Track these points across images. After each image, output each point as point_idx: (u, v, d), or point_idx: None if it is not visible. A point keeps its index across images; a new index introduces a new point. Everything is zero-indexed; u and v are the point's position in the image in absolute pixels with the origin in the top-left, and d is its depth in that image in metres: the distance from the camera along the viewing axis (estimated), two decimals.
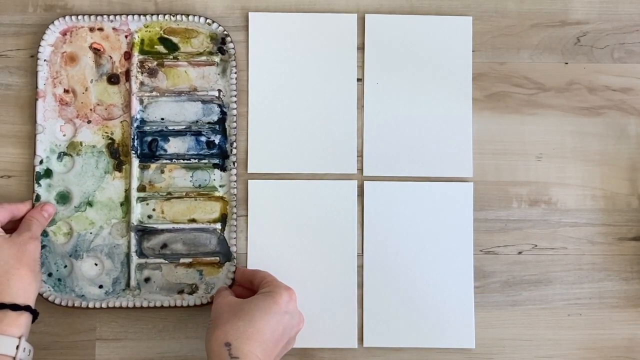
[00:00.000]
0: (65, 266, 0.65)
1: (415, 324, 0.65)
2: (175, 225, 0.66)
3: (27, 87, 0.67)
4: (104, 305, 0.64)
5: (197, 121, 0.67)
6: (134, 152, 0.66)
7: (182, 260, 0.65)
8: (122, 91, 0.67)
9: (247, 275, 0.63)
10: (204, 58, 0.67)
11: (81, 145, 0.66)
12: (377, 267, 0.66)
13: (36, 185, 0.65)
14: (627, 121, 0.68)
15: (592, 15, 0.68)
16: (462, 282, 0.66)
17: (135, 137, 0.66)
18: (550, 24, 0.68)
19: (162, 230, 0.66)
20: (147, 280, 0.65)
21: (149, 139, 0.67)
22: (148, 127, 0.66)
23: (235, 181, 0.66)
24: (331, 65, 0.67)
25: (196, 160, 0.66)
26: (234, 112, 0.66)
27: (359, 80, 0.68)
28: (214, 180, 0.67)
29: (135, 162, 0.66)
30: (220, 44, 0.67)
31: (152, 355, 0.65)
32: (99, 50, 0.67)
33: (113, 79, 0.67)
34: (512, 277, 0.66)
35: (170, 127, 0.66)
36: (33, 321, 0.58)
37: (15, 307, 0.55)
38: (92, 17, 0.66)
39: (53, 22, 0.66)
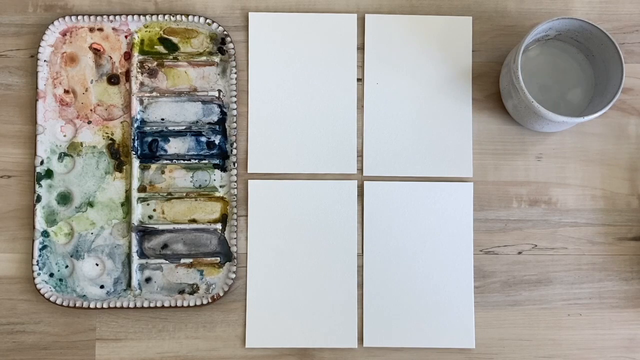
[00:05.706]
0: (67, 266, 0.65)
1: (415, 324, 0.65)
2: (176, 226, 0.66)
3: (27, 87, 0.67)
4: (105, 306, 0.64)
5: (197, 121, 0.67)
6: (134, 152, 0.66)
7: (182, 261, 0.65)
8: (122, 91, 0.67)
9: None
10: (203, 58, 0.67)
11: (82, 146, 0.66)
12: (377, 267, 0.66)
13: (37, 186, 0.65)
14: (627, 121, 0.68)
15: (592, 15, 0.68)
16: (462, 282, 0.66)
17: (136, 138, 0.66)
18: None
19: (163, 231, 0.66)
20: (148, 280, 0.66)
21: (149, 139, 0.67)
22: (148, 128, 0.66)
23: (236, 181, 0.66)
24: (331, 65, 0.67)
25: (196, 161, 0.66)
26: (234, 112, 0.66)
27: (359, 80, 0.68)
28: (214, 180, 0.67)
29: (136, 162, 0.66)
30: (220, 44, 0.67)
31: (152, 355, 0.65)
32: (99, 50, 0.67)
33: (113, 80, 0.67)
34: (512, 277, 0.66)
35: (171, 128, 0.66)
36: None
37: None
38: (92, 17, 0.66)
39: (53, 23, 0.66)
